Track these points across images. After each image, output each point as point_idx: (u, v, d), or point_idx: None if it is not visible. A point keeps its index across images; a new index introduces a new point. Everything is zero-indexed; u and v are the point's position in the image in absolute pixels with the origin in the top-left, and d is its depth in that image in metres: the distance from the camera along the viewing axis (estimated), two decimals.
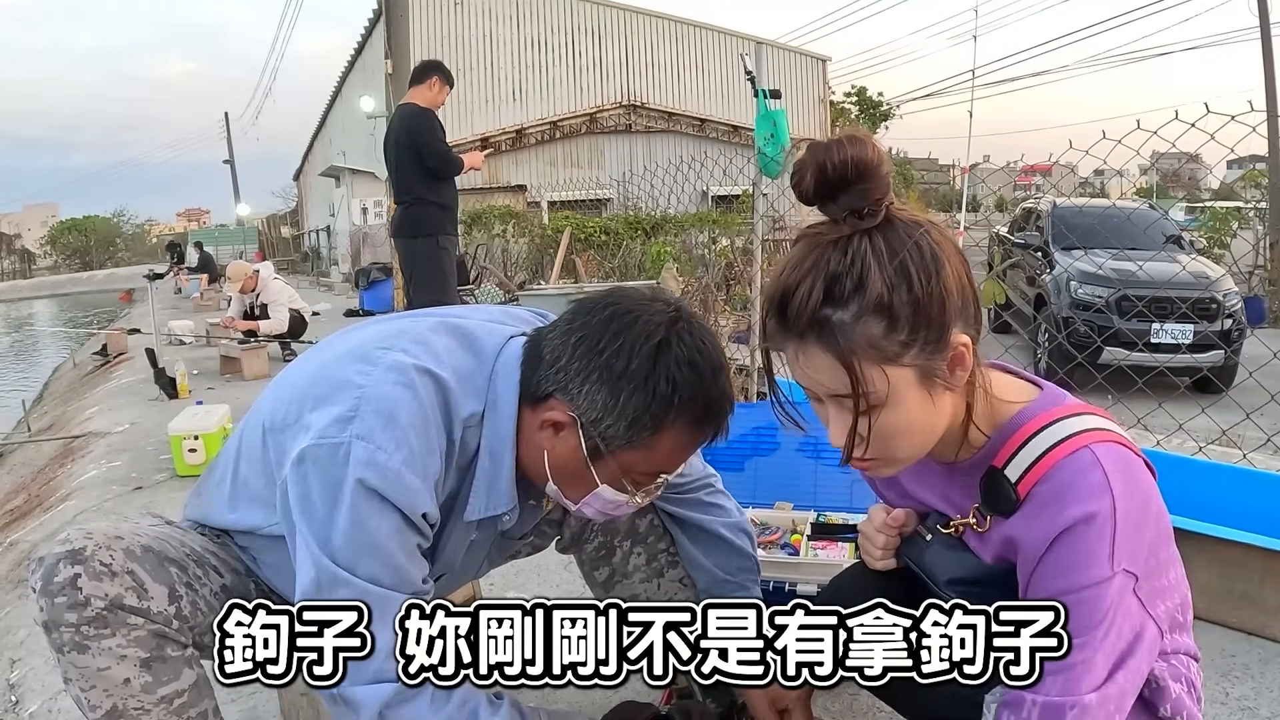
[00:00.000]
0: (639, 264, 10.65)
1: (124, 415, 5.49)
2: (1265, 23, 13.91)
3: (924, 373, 1.00)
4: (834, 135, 0.99)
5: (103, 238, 57.87)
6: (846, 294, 0.97)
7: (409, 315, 1.39)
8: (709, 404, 1.23)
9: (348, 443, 1.14)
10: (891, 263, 0.96)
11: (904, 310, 0.97)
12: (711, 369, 1.23)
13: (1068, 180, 8.57)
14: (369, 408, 1.17)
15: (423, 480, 1.18)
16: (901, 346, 0.98)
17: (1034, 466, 1.03)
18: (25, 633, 2.41)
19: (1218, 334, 6.96)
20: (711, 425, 1.26)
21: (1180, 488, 2.42)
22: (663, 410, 1.20)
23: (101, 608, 1.16)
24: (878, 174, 0.97)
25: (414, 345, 1.25)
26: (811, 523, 2.17)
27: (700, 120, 19.80)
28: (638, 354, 1.19)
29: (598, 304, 1.25)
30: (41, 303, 29.60)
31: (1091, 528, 0.97)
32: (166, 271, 14.94)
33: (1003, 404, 1.10)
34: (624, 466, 1.26)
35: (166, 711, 1.21)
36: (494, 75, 18.58)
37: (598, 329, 1.22)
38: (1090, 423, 1.05)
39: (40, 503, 4.15)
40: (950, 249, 1.01)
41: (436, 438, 1.21)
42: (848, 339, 0.98)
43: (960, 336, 1.00)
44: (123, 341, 9.12)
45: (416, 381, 1.20)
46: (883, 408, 1.01)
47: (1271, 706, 1.87)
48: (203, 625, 1.28)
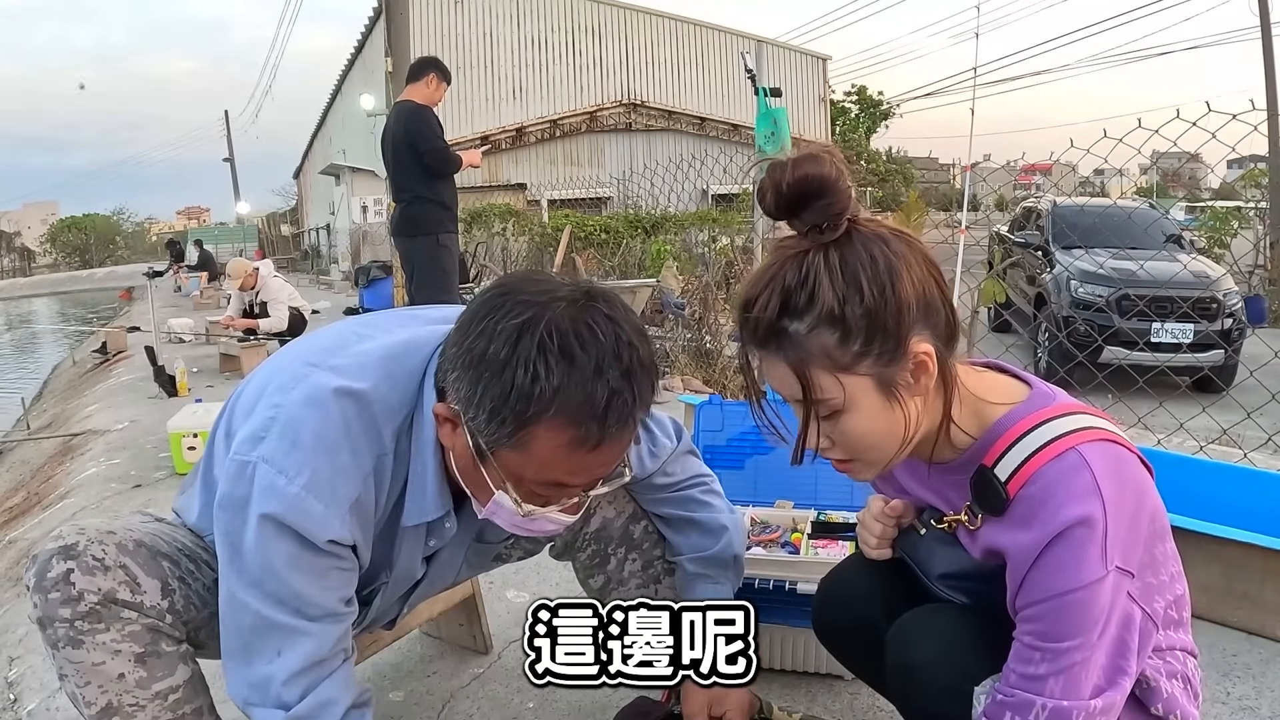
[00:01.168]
0: (639, 262, 10.64)
1: (123, 413, 5.48)
2: (1266, 22, 13.92)
3: (882, 380, 1.03)
4: (795, 154, 1.03)
5: (102, 236, 57.85)
6: (800, 306, 1.02)
7: (361, 322, 1.36)
8: (586, 401, 1.05)
9: (254, 463, 1.14)
10: (844, 275, 1.00)
11: (856, 321, 1.01)
12: (597, 359, 1.06)
13: (1068, 179, 8.57)
14: (277, 429, 1.15)
15: (328, 505, 1.15)
16: (855, 356, 1.02)
17: (1022, 468, 1.04)
18: (24, 630, 2.40)
19: (1218, 333, 6.96)
20: (594, 426, 1.07)
21: (1181, 487, 2.41)
22: (521, 404, 1.05)
23: (95, 602, 1.16)
24: (835, 190, 1.01)
25: (345, 360, 1.21)
26: (812, 521, 2.16)
27: (700, 119, 19.80)
28: (497, 337, 1.06)
29: (493, 284, 1.16)
30: (41, 300, 29.60)
31: (1081, 531, 0.97)
32: (166, 269, 14.96)
33: (990, 405, 1.11)
34: (509, 471, 1.14)
35: (161, 707, 1.21)
36: (494, 73, 18.57)
37: (474, 310, 1.12)
38: (1079, 422, 1.05)
39: (39, 500, 4.15)
40: (915, 259, 1.04)
41: (352, 459, 1.17)
42: (802, 349, 1.03)
43: (921, 345, 1.03)
44: (122, 339, 9.12)
45: (330, 404, 1.16)
46: (842, 414, 1.05)
47: (1272, 706, 1.86)
48: (196, 620, 1.28)
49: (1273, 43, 13.89)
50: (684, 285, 8.22)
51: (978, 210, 13.46)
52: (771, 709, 1.64)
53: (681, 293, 7.84)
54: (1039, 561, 1.00)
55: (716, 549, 1.59)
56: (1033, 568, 1.01)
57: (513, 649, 2.15)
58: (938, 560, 1.22)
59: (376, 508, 1.23)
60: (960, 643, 1.13)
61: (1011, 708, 1.02)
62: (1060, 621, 0.99)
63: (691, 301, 7.32)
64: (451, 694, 1.96)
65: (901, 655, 1.18)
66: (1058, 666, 0.99)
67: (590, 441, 1.08)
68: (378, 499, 1.23)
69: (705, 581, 1.59)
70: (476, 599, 2.08)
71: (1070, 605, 0.98)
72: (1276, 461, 3.43)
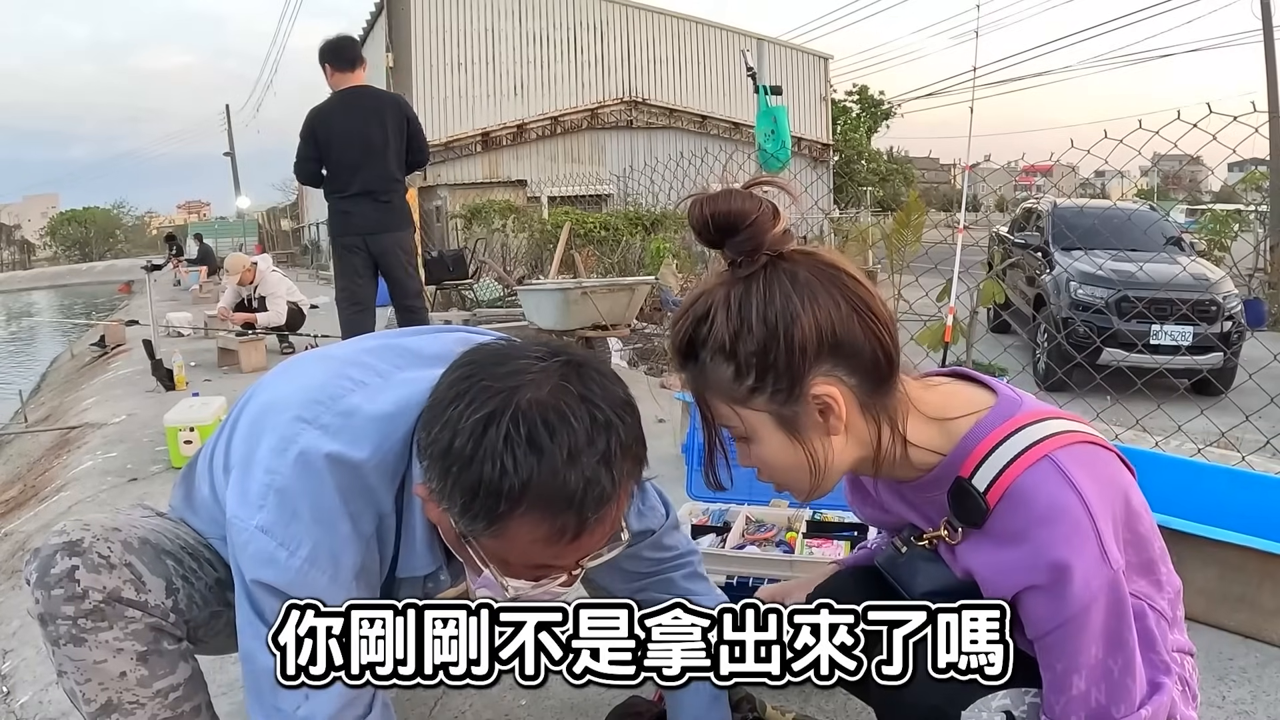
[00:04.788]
0: (639, 260, 10.64)
1: (121, 406, 5.48)
2: (1268, 24, 13.90)
3: (780, 418, 1.05)
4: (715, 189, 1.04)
5: (102, 229, 57.84)
6: (703, 337, 1.05)
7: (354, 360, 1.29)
8: (559, 493, 1.00)
9: (251, 531, 1.13)
10: (740, 312, 1.01)
11: (747, 358, 1.02)
12: (569, 447, 1.00)
13: (1068, 180, 8.57)
14: (274, 499, 1.13)
15: (331, 577, 1.13)
16: (749, 391, 1.04)
17: (998, 479, 1.02)
18: (17, 623, 2.40)
19: (1217, 336, 6.96)
20: (571, 519, 1.02)
21: (1179, 489, 2.41)
22: (491, 500, 1.01)
23: (99, 600, 1.15)
24: (750, 226, 1.01)
25: (336, 419, 1.17)
26: (807, 520, 2.16)
27: (701, 117, 19.80)
28: (462, 430, 1.00)
29: (463, 360, 1.09)
30: (40, 293, 29.56)
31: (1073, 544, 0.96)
32: (165, 264, 14.93)
33: (954, 421, 1.08)
34: (492, 555, 1.11)
35: (162, 705, 1.20)
36: (495, 70, 18.56)
37: (441, 393, 1.06)
38: (1051, 427, 1.03)
39: (36, 493, 4.14)
40: (832, 298, 1.00)
41: (353, 529, 1.15)
42: (702, 377, 1.07)
43: (823, 387, 1.02)
44: (120, 333, 9.10)
45: (324, 473, 1.13)
46: (750, 442, 1.09)
47: (1268, 710, 1.86)
48: (198, 619, 1.27)
49: (1274, 45, 13.87)
50: (683, 283, 8.22)
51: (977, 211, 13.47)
52: (765, 708, 1.64)
53: (680, 290, 7.84)
54: (1036, 594, 0.99)
55: None
56: (1032, 597, 0.99)
57: None
58: (920, 578, 1.18)
59: (381, 564, 1.22)
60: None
61: None
62: (1080, 638, 0.98)
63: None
64: (444, 690, 1.96)
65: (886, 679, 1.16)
66: (1096, 677, 0.99)
67: (569, 533, 1.04)
68: (382, 555, 1.22)
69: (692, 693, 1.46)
70: (470, 595, 2.07)
71: (1083, 623, 0.97)
72: (1275, 465, 3.43)
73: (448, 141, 17.86)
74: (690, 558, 1.55)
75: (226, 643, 1.32)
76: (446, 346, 1.27)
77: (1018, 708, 1.06)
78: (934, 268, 4.56)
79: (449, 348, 1.24)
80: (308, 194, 32.18)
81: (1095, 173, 7.07)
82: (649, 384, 5.91)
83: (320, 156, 4.75)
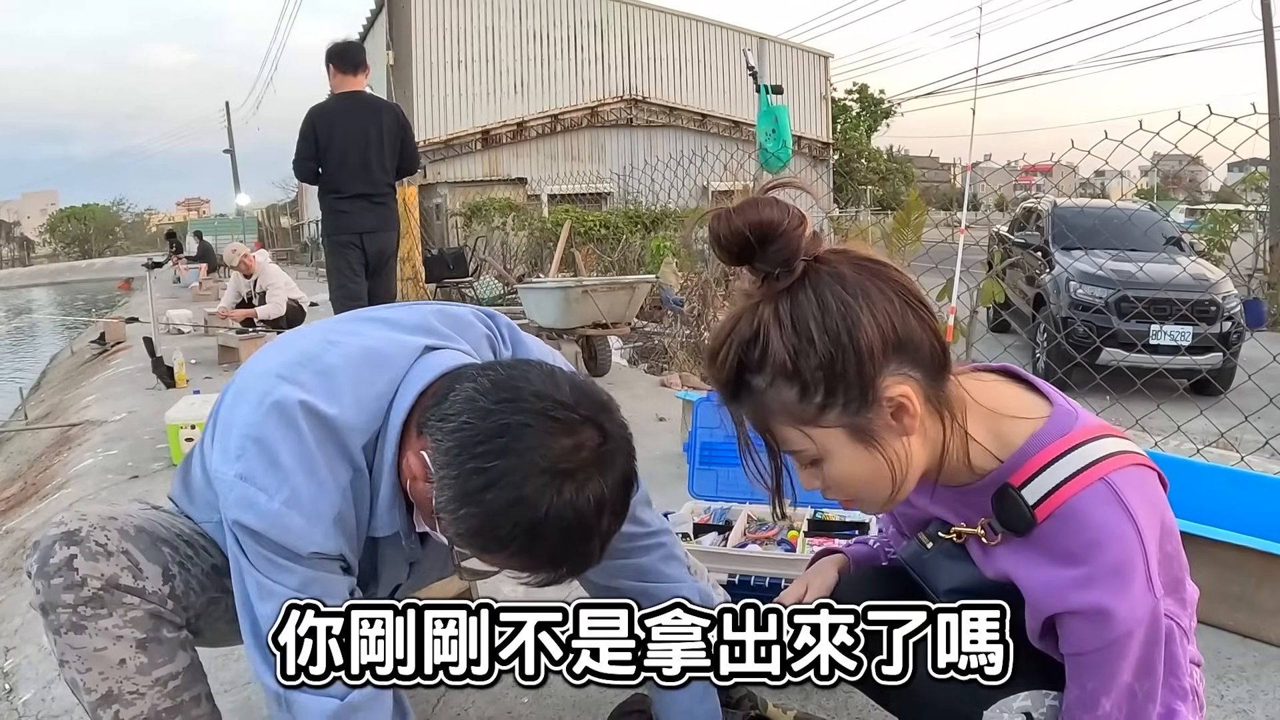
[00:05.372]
0: (639, 258, 10.63)
1: (121, 404, 5.48)
2: (1268, 26, 13.89)
3: (855, 429, 0.98)
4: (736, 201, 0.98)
5: (102, 226, 57.72)
6: (755, 361, 0.97)
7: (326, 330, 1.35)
8: (549, 562, 1.10)
9: (231, 480, 1.16)
10: (795, 327, 0.95)
11: (813, 374, 0.95)
12: (579, 540, 1.08)
13: (1068, 180, 8.57)
14: (254, 449, 1.16)
15: (309, 520, 1.16)
16: (819, 409, 0.97)
17: (1051, 495, 1.00)
18: (20, 620, 2.40)
19: (1217, 336, 6.96)
20: (549, 575, 1.13)
21: (1178, 489, 2.40)
22: (494, 545, 1.09)
23: (98, 588, 1.17)
24: (782, 234, 0.95)
25: (313, 378, 1.21)
26: (808, 519, 2.16)
27: (701, 115, 19.77)
28: (496, 487, 1.04)
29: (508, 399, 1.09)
30: (40, 290, 29.53)
31: (1125, 570, 0.96)
32: (165, 261, 14.90)
33: (1010, 422, 1.06)
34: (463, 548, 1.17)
35: (161, 694, 1.21)
36: (495, 68, 18.53)
37: (484, 432, 1.07)
38: (1108, 447, 1.02)
39: (36, 490, 4.14)
40: (882, 293, 0.96)
41: (330, 475, 1.18)
42: (761, 404, 0.99)
43: (896, 388, 0.97)
44: (121, 330, 9.10)
45: (300, 422, 1.17)
46: (822, 461, 1.01)
47: (1266, 709, 1.86)
48: (196, 606, 1.29)
49: (1275, 46, 13.87)
50: (683, 282, 8.22)
51: (977, 210, 13.46)
52: (766, 705, 1.65)
53: (680, 289, 7.83)
54: (1081, 617, 0.98)
55: None
56: (1076, 620, 0.99)
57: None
58: (944, 575, 1.17)
59: (358, 521, 1.24)
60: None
61: None
62: (1119, 662, 0.98)
63: (690, 298, 7.32)
64: (445, 689, 1.96)
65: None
66: (1120, 700, 0.99)
67: (545, 582, 1.13)
68: (358, 512, 1.23)
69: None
70: (472, 593, 2.07)
71: (1123, 649, 0.97)
72: (1274, 465, 3.43)
73: (448, 139, 17.84)
74: (664, 537, 1.53)
75: (226, 632, 1.34)
76: (424, 318, 1.33)
77: (1038, 710, 1.06)
78: (934, 267, 4.57)
79: (426, 319, 1.32)
80: (307, 191, 32.12)
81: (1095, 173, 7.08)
82: (649, 383, 5.92)
83: (319, 156, 4.78)
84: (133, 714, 1.20)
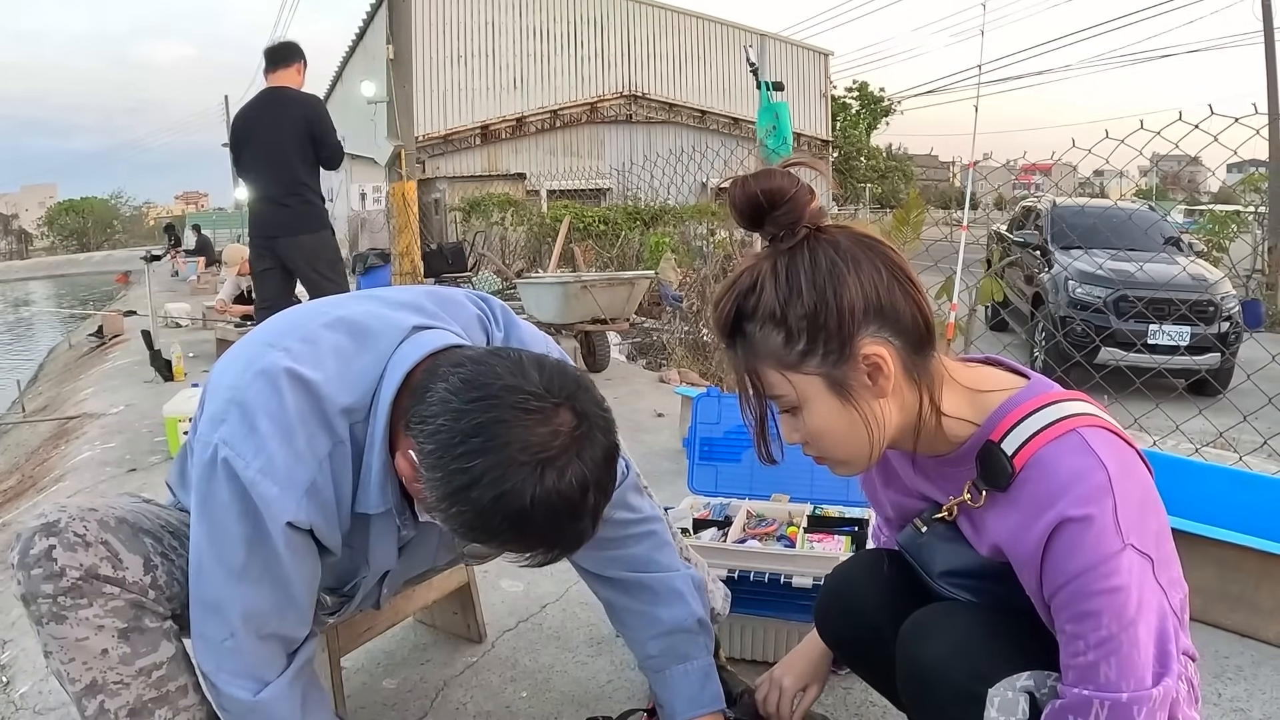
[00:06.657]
0: (637, 254, 10.64)
1: (119, 397, 5.47)
2: (1269, 26, 13.89)
3: (832, 381, 1.07)
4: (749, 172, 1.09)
5: (100, 219, 57.56)
6: (751, 309, 1.08)
7: (318, 304, 1.36)
8: (541, 545, 1.14)
9: (214, 444, 1.17)
10: (788, 279, 1.06)
11: (798, 322, 1.05)
12: (568, 521, 1.12)
13: (1068, 179, 8.57)
14: (235, 412, 1.17)
15: (283, 488, 1.16)
16: (800, 355, 1.07)
17: (1025, 446, 1.05)
18: (17, 613, 2.40)
19: (1215, 336, 6.97)
20: (542, 557, 1.16)
21: (1176, 489, 2.42)
22: (487, 536, 1.12)
23: (77, 578, 1.18)
24: (790, 201, 1.06)
25: (299, 344, 1.23)
26: (808, 515, 2.16)
27: (701, 112, 19.76)
28: (480, 485, 1.07)
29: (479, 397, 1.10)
30: (38, 283, 29.49)
31: (1091, 509, 0.97)
32: (163, 254, 14.88)
33: (987, 394, 1.12)
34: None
35: (145, 684, 1.21)
36: (495, 63, 18.51)
37: (461, 433, 1.08)
38: (1082, 408, 1.07)
39: (34, 483, 4.14)
40: (871, 263, 1.06)
41: (307, 445, 1.18)
42: (752, 348, 1.10)
43: (872, 347, 1.05)
44: (119, 323, 9.10)
45: (284, 387, 1.18)
46: (800, 410, 1.10)
47: (1264, 708, 1.87)
48: (180, 596, 1.28)
49: (1275, 47, 13.87)
50: (682, 278, 8.22)
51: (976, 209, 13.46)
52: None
53: (679, 285, 7.84)
54: (1052, 545, 1.00)
55: (678, 619, 1.52)
56: (1048, 552, 1.01)
57: (506, 638, 2.15)
58: (939, 558, 1.21)
59: (338, 495, 1.24)
60: (972, 642, 1.12)
61: (1068, 709, 1.01)
62: (1092, 600, 0.98)
63: (689, 294, 7.33)
64: (445, 682, 1.97)
65: (911, 655, 1.17)
66: (1105, 651, 0.98)
67: (543, 562, 1.17)
68: (337, 486, 1.23)
69: (674, 663, 1.51)
70: (471, 588, 2.08)
71: (1096, 580, 0.97)
72: (1272, 465, 3.44)
73: (447, 134, 17.83)
74: (655, 524, 1.54)
75: None
76: (415, 297, 1.36)
77: (1040, 689, 1.07)
78: (934, 265, 4.57)
79: (417, 298, 1.35)
80: None
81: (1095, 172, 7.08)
82: (648, 378, 5.92)
83: (239, 157, 4.79)
84: (118, 704, 1.20)
